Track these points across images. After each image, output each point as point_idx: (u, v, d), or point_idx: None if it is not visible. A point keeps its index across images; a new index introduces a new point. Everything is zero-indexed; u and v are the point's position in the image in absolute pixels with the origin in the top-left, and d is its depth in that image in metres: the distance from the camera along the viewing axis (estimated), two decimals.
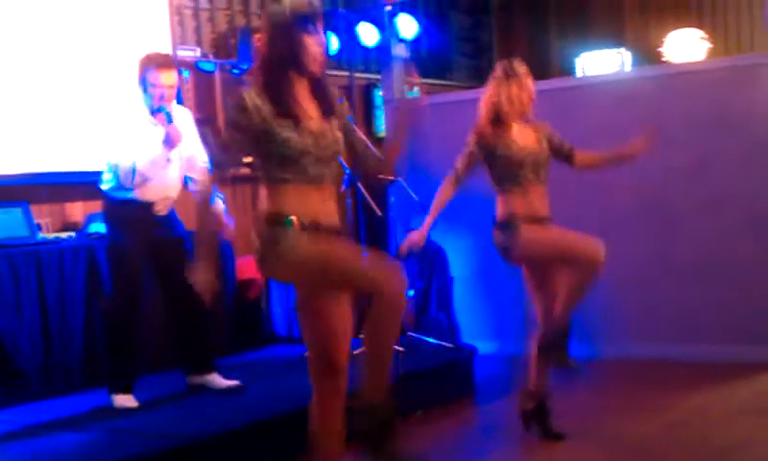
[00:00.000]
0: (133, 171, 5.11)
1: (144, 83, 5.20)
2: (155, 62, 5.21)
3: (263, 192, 3.51)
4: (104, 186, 5.29)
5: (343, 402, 3.57)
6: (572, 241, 4.84)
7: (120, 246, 5.29)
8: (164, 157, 5.20)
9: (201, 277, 3.51)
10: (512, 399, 5.43)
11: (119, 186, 5.20)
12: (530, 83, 4.96)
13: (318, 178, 3.47)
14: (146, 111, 5.25)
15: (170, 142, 5.17)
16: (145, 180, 5.16)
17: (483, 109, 4.97)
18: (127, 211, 5.23)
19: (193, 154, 5.45)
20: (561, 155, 5.08)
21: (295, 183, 3.43)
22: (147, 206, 5.26)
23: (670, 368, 6.52)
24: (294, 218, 3.38)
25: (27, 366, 5.51)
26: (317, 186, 3.47)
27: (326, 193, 3.52)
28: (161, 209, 5.34)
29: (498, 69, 4.99)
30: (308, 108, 3.52)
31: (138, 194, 5.21)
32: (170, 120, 5.18)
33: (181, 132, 5.24)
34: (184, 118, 5.44)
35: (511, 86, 4.90)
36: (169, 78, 5.22)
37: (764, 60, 6.64)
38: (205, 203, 3.61)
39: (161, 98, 5.18)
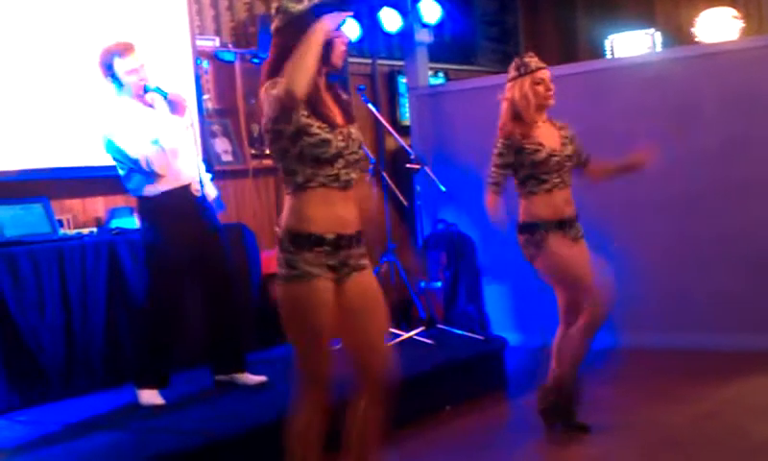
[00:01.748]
0: (163, 150, 5.17)
1: (115, 73, 5.25)
2: (118, 50, 5.27)
3: (289, 203, 3.49)
4: (133, 187, 5.31)
5: (325, 416, 3.55)
6: (584, 278, 4.90)
7: (160, 246, 5.29)
8: (180, 124, 5.31)
9: None
10: None
11: (148, 180, 5.23)
12: (544, 73, 4.96)
13: (347, 182, 3.49)
14: (129, 100, 5.28)
15: (177, 108, 5.29)
16: (175, 155, 5.22)
17: (503, 111, 5.00)
18: (166, 205, 5.24)
19: None
20: (578, 161, 5.09)
21: (325, 187, 3.44)
22: (182, 192, 5.31)
23: (701, 358, 6.50)
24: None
25: (49, 363, 5.56)
26: (345, 190, 3.49)
27: (351, 196, 3.53)
28: (196, 189, 5.38)
29: (511, 68, 5.02)
30: (334, 109, 3.53)
31: (171, 181, 5.25)
32: (164, 92, 5.29)
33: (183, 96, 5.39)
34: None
35: (524, 82, 4.91)
36: (138, 59, 5.29)
37: None
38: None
39: (142, 79, 5.26)
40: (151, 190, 5.25)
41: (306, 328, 3.47)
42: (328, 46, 3.45)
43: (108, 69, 5.25)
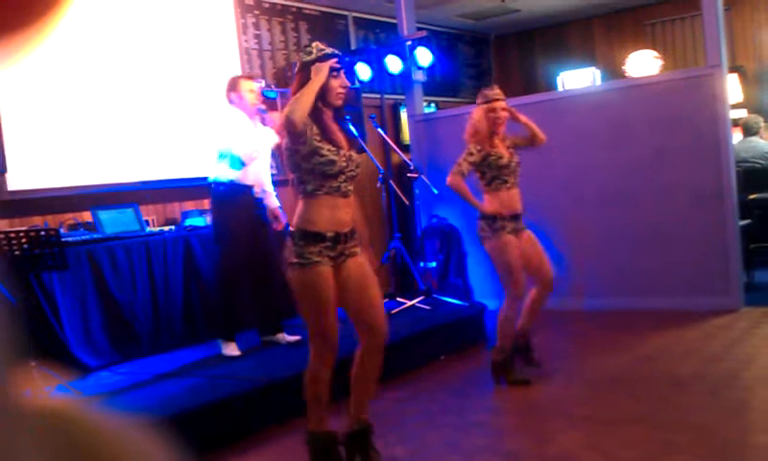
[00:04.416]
0: (248, 147, 5.21)
1: (239, 89, 5.32)
2: (244, 75, 5.53)
3: (300, 206, 3.48)
4: (214, 174, 5.31)
5: (332, 368, 3.54)
6: (517, 272, 4.80)
7: (228, 225, 5.30)
8: (266, 138, 5.36)
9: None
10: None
11: (229, 169, 5.25)
12: (505, 103, 4.90)
13: (347, 192, 3.49)
14: (242, 115, 5.32)
15: (267, 123, 5.38)
16: (255, 157, 5.25)
17: (473, 125, 4.87)
18: (228, 193, 5.26)
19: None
20: (526, 143, 5.01)
21: (329, 195, 3.43)
22: (245, 188, 5.31)
23: (638, 316, 6.47)
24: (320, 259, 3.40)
25: (141, 330, 5.60)
26: (345, 198, 3.49)
27: (349, 202, 3.53)
28: (257, 192, 5.40)
29: (480, 96, 4.93)
30: (339, 135, 3.52)
31: (242, 177, 5.26)
32: (265, 111, 5.41)
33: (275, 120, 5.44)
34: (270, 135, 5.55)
35: (482, 109, 4.86)
36: (256, 85, 5.44)
37: (704, 71, 6.59)
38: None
39: (258, 97, 5.38)
40: (224, 177, 5.28)
41: (314, 303, 3.44)
42: (325, 89, 3.47)
43: (234, 87, 5.34)
